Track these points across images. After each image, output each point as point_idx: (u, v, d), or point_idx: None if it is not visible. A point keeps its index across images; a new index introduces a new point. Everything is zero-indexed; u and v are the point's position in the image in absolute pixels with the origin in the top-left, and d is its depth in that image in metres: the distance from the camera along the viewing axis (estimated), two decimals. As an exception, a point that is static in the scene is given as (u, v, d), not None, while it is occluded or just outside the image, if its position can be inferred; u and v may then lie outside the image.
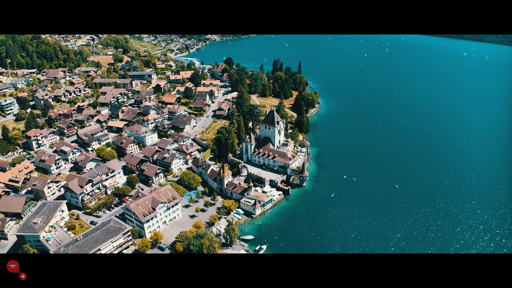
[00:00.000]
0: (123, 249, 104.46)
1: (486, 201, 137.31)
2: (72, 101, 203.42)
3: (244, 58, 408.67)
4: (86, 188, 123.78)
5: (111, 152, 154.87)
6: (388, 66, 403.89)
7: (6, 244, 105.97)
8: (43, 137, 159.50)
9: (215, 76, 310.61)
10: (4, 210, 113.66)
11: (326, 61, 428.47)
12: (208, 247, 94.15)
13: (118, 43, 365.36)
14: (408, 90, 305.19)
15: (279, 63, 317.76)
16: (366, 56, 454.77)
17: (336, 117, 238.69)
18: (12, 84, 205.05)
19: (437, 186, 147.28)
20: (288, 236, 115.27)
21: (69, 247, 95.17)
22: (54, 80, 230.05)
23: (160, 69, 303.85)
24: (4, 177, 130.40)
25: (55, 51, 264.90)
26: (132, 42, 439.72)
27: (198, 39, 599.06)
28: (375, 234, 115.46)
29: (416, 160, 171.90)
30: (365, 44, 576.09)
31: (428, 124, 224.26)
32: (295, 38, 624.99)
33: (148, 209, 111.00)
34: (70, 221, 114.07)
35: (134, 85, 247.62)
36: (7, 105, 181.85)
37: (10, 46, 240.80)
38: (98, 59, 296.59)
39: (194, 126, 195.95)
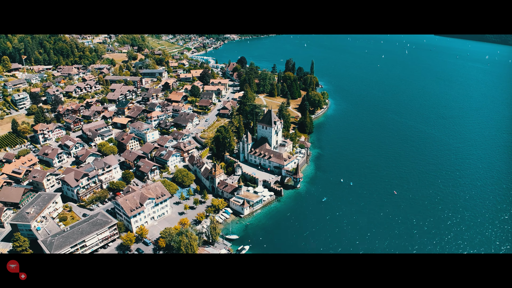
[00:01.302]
0: (108, 242, 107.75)
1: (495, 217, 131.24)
2: (82, 97, 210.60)
3: (259, 58, 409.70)
4: (81, 182, 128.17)
5: (112, 147, 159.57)
6: (405, 68, 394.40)
7: (2, 231, 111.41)
8: (50, 131, 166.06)
9: (226, 75, 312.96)
10: (4, 199, 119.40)
11: (343, 62, 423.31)
12: (186, 245, 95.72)
13: (134, 41, 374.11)
14: (422, 93, 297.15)
15: (291, 63, 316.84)
16: (383, 57, 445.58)
17: (343, 119, 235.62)
18: (26, 80, 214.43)
19: (440, 196, 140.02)
20: (273, 237, 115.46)
21: (56, 237, 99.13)
22: (68, 77, 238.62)
23: (173, 67, 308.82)
24: (8, 168, 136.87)
25: (71, 48, 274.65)
26: (150, 40, 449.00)
27: (216, 38, 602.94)
28: (361, 242, 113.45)
29: (421, 167, 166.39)
30: (385, 45, 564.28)
31: (439, 129, 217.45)
32: (314, 39, 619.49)
33: (136, 204, 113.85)
34: (63, 212, 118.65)
35: (144, 82, 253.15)
36: (20, 100, 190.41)
37: (29, 43, 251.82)
38: (112, 57, 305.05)
39: (197, 124, 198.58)
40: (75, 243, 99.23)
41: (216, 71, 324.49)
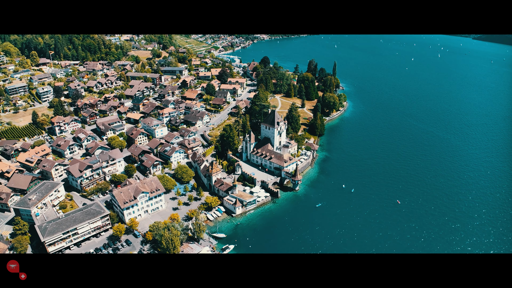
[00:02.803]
0: (101, 231, 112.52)
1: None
2: (101, 92, 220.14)
3: (285, 58, 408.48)
4: (85, 173, 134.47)
5: (121, 141, 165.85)
6: (434, 72, 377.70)
7: (8, 215, 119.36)
8: (66, 124, 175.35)
9: (247, 75, 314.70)
10: (13, 186, 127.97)
11: (370, 64, 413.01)
12: (167, 239, 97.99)
13: (162, 39, 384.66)
14: (448, 99, 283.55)
15: (313, 64, 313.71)
16: (413, 60, 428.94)
17: (359, 122, 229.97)
18: (52, 74, 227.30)
19: (448, 217, 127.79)
20: (260, 238, 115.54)
21: (50, 223, 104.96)
22: (92, 72, 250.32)
23: (195, 65, 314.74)
24: (22, 157, 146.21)
25: (99, 45, 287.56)
26: (178, 38, 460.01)
27: (246, 38, 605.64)
28: (349, 248, 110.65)
29: (433, 176, 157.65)
30: (417, 48, 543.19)
31: (461, 137, 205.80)
32: (345, 40, 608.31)
33: (129, 197, 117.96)
34: (64, 201, 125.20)
35: (164, 80, 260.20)
36: (44, 93, 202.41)
37: (59, 39, 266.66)
38: (138, 54, 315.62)
39: (207, 122, 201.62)
40: (67, 230, 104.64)
41: (237, 70, 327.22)
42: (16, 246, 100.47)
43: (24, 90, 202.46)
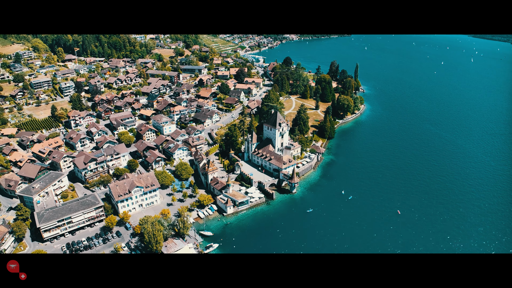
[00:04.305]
0: (94, 221, 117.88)
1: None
2: (120, 89, 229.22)
3: (310, 59, 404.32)
4: (89, 165, 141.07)
5: (130, 137, 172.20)
6: (463, 77, 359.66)
7: (15, 202, 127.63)
8: (81, 118, 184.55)
9: (266, 75, 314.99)
10: (23, 174, 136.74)
11: (398, 66, 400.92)
12: (149, 233, 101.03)
13: (187, 38, 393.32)
14: (473, 105, 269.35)
15: (335, 65, 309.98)
16: (443, 64, 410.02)
17: (373, 126, 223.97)
18: (75, 70, 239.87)
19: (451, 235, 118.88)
20: (246, 239, 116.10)
21: (47, 211, 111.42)
22: (114, 69, 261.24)
23: (215, 64, 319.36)
24: (36, 148, 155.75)
25: (124, 43, 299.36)
26: (204, 37, 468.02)
27: (274, 38, 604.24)
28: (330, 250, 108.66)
29: (444, 188, 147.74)
30: (450, 51, 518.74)
31: (483, 148, 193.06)
32: (376, 42, 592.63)
33: (124, 190, 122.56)
34: (66, 191, 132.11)
35: (182, 78, 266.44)
36: (66, 88, 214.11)
37: (87, 36, 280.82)
38: (161, 52, 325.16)
39: (217, 121, 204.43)
40: (62, 218, 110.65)
41: (258, 70, 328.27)
42: (15, 230, 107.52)
43: (48, 84, 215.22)
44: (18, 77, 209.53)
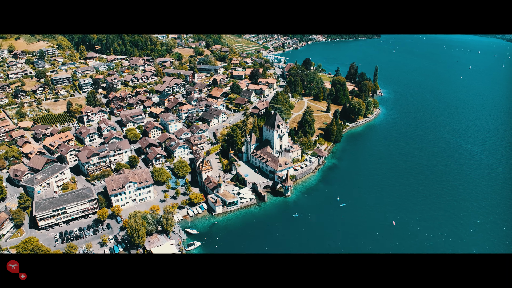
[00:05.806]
0: (88, 213, 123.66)
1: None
2: (135, 86, 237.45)
3: (334, 61, 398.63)
4: (92, 160, 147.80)
5: (137, 134, 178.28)
6: (491, 83, 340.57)
7: (21, 191, 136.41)
8: (93, 114, 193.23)
9: (283, 76, 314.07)
10: (31, 165, 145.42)
11: (424, 70, 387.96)
12: (132, 228, 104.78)
13: (209, 37, 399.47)
14: (497, 113, 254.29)
15: (354, 67, 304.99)
16: (470, 68, 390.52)
17: (385, 131, 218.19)
18: (95, 67, 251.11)
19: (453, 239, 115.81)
20: (231, 239, 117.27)
21: (44, 200, 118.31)
22: (134, 67, 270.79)
23: (233, 64, 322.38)
24: (47, 141, 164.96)
25: (145, 42, 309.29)
26: (228, 37, 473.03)
27: (300, 39, 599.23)
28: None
29: (453, 200, 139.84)
30: (481, 55, 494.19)
31: (498, 155, 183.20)
32: (405, 45, 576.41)
33: (118, 185, 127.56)
34: (68, 183, 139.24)
35: (197, 77, 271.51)
36: (85, 85, 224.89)
37: (110, 35, 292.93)
38: (181, 51, 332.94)
39: (224, 121, 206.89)
40: (57, 208, 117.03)
41: (276, 71, 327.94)
42: (14, 217, 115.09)
43: (68, 81, 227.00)
44: (40, 73, 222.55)
